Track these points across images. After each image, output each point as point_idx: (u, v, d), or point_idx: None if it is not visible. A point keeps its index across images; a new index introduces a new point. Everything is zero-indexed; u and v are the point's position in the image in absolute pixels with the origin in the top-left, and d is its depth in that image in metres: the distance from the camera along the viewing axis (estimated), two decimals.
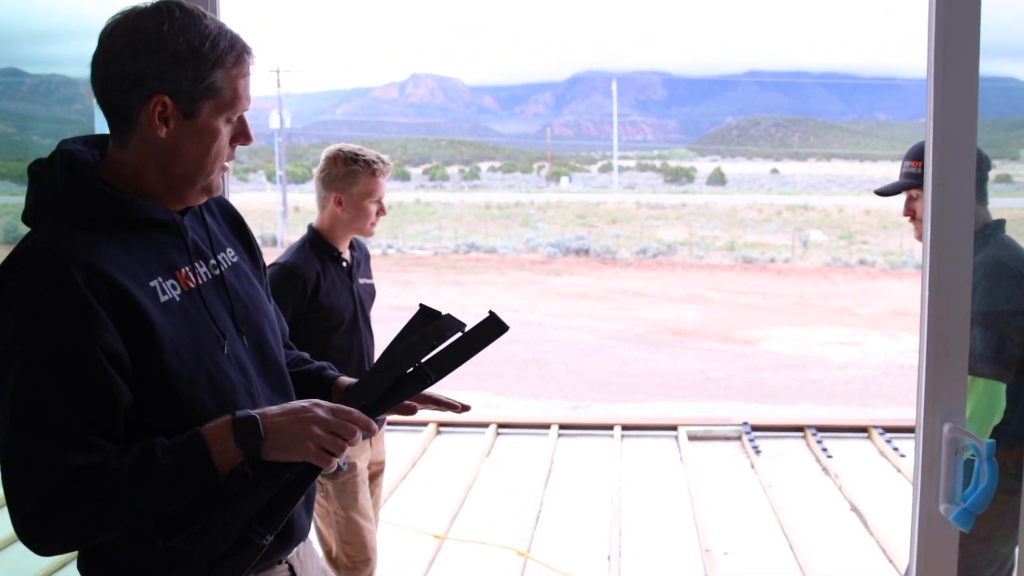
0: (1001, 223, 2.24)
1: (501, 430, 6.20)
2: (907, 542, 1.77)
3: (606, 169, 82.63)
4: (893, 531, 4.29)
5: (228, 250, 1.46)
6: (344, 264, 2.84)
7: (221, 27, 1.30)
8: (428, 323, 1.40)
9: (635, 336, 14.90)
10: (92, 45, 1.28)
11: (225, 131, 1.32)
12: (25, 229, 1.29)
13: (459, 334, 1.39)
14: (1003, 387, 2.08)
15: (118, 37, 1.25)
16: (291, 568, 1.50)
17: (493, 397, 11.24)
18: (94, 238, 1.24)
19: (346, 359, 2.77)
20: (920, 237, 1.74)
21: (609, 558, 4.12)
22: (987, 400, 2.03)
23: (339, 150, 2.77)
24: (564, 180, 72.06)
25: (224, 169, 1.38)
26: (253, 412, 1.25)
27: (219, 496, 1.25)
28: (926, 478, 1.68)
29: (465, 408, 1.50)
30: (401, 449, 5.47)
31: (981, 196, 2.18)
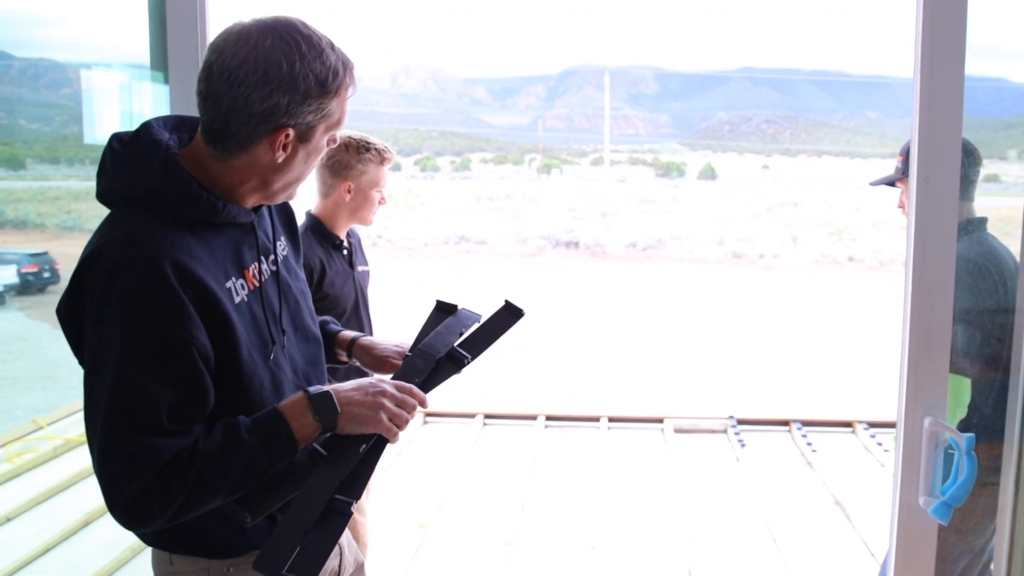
0: (982, 221, 2.25)
1: (488, 420, 6.22)
2: (888, 535, 1.78)
3: (597, 162, 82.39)
4: (875, 525, 4.33)
5: (280, 239, 1.52)
6: (345, 252, 2.82)
7: (334, 50, 1.33)
8: (446, 315, 1.62)
9: (623, 328, 14.93)
10: (82, 30, 1.27)
11: (324, 144, 1.38)
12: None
13: (477, 324, 1.61)
14: (967, 382, 2.09)
15: (250, 72, 1.25)
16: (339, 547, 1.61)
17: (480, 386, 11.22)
18: (183, 235, 1.27)
19: None
20: None
21: (593, 548, 4.14)
22: (951, 394, 2.04)
23: (349, 137, 2.71)
24: (555, 172, 71.93)
25: None
26: (326, 387, 1.33)
27: (293, 472, 1.32)
28: (906, 471, 1.70)
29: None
30: None
31: (966, 193, 2.20)
